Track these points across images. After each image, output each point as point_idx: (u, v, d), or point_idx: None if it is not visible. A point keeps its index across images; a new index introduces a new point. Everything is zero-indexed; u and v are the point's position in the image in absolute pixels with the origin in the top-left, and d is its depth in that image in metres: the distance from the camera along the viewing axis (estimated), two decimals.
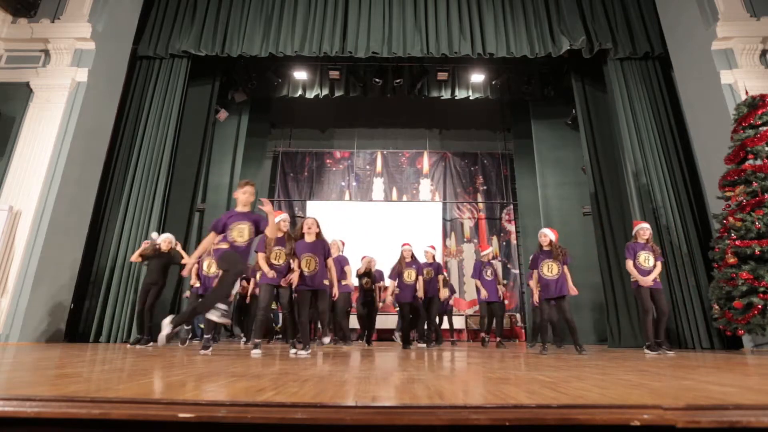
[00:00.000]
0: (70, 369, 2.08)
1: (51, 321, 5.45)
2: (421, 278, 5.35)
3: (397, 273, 5.37)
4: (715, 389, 1.51)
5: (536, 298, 4.73)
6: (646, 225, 4.73)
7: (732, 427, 1.02)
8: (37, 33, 6.05)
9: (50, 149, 5.59)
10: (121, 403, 1.10)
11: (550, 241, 4.60)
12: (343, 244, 6.15)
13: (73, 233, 5.85)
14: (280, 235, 3.82)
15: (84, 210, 6.03)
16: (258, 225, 3.52)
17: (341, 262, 5.64)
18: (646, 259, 4.52)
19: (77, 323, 5.85)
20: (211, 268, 4.77)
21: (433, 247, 6.33)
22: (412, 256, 5.45)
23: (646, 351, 4.31)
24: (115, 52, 6.60)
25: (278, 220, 3.74)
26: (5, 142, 5.63)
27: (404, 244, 5.54)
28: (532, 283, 4.90)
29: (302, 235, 3.97)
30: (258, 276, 4.72)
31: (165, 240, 5.28)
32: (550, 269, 4.52)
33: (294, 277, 3.82)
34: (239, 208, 3.58)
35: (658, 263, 4.54)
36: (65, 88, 5.85)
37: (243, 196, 3.55)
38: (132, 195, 6.41)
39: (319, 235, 3.99)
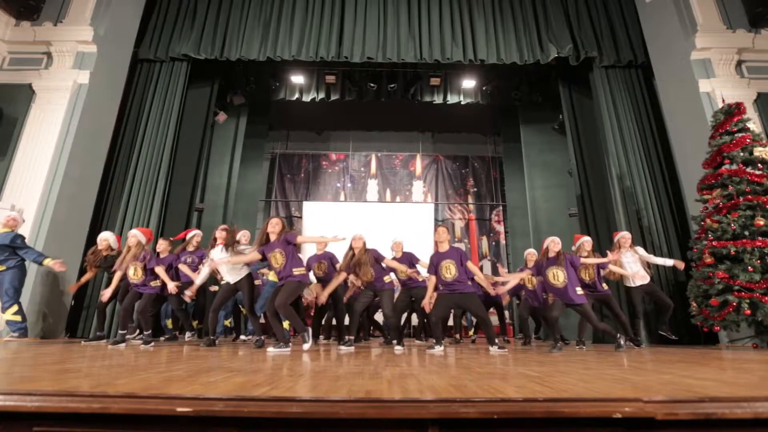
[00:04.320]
0: (71, 365, 2.08)
1: (52, 319, 5.51)
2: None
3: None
4: (692, 383, 1.55)
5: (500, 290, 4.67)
6: (588, 237, 5.08)
7: (708, 418, 1.07)
8: (39, 36, 6.13)
9: (52, 150, 5.66)
10: (121, 398, 1.12)
11: (560, 250, 4.40)
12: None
13: (74, 232, 5.90)
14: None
15: (85, 209, 6.09)
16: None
17: (332, 259, 5.63)
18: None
19: (77, 321, 5.91)
20: (137, 273, 4.50)
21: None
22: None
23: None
24: (117, 55, 6.69)
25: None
26: (8, 143, 5.70)
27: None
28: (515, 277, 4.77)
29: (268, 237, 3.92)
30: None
31: (102, 239, 5.07)
32: (555, 277, 4.31)
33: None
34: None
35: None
36: (67, 89, 5.93)
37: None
38: (132, 195, 6.47)
39: (281, 233, 3.91)
